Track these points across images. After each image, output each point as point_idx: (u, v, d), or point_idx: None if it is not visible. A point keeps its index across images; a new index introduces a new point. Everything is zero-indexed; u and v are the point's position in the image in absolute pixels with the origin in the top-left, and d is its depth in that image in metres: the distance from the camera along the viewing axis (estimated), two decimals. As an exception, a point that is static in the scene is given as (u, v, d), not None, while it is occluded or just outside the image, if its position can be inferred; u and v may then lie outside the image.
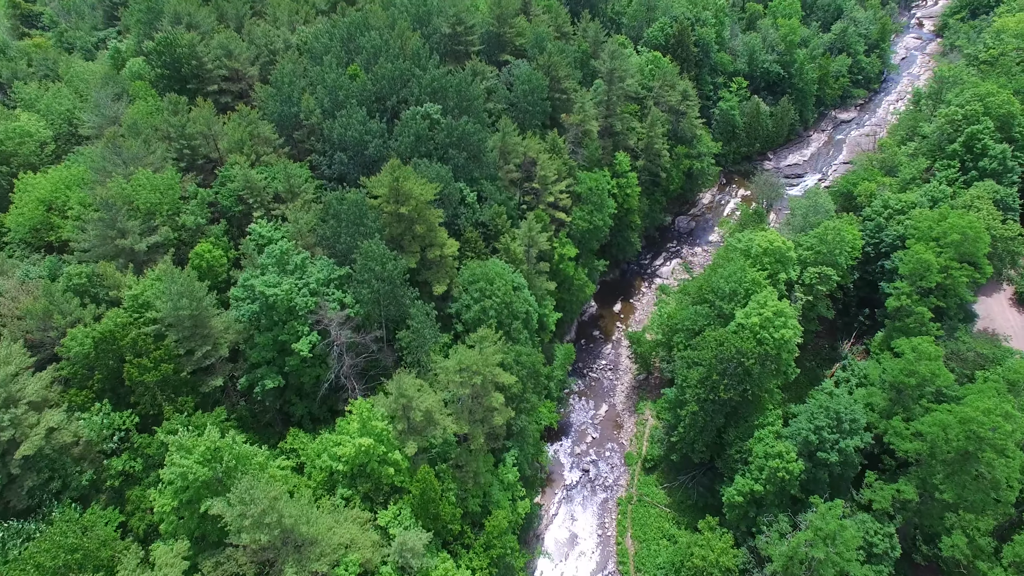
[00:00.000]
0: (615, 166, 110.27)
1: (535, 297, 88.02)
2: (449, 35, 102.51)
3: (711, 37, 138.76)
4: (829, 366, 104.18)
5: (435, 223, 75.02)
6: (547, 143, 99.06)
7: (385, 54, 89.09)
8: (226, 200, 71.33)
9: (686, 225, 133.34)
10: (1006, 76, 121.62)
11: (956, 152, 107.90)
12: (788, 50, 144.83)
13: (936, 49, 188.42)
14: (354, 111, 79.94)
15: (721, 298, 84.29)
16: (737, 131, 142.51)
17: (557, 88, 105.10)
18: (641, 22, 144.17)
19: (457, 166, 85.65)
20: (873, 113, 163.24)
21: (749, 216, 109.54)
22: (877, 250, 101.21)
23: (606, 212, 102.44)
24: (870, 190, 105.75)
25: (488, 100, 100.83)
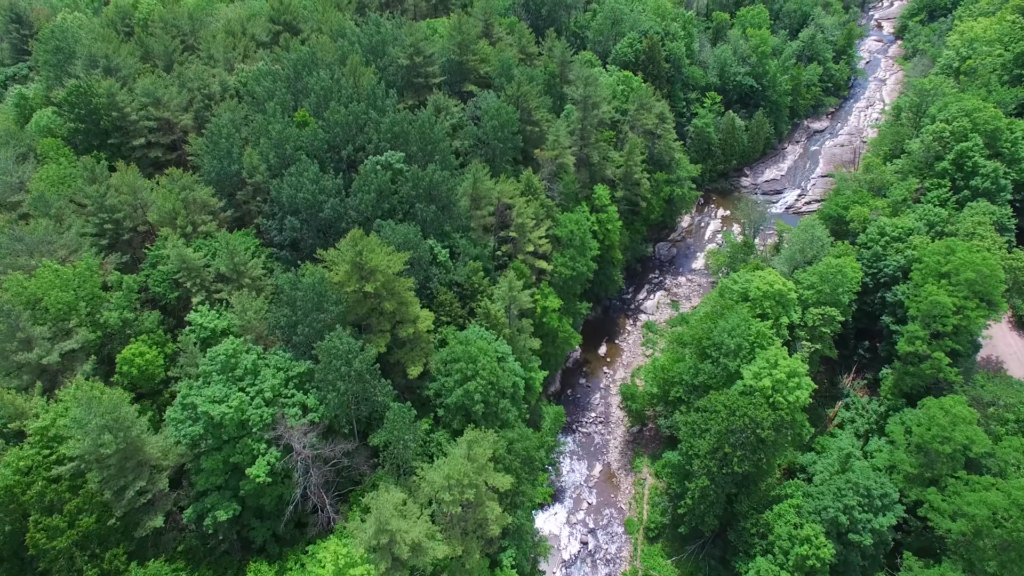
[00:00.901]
0: (594, 200, 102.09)
1: (519, 359, 79.20)
2: (407, 67, 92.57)
3: (681, 51, 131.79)
4: (830, 403, 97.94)
5: (406, 296, 65.34)
6: (521, 183, 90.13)
7: (337, 96, 78.68)
8: (158, 286, 60.31)
9: (667, 252, 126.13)
10: (985, 88, 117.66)
11: (946, 171, 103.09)
12: (760, 62, 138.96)
13: (898, 52, 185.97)
14: (305, 167, 69.54)
15: (726, 355, 76.77)
16: (713, 148, 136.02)
17: (528, 120, 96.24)
18: (607, 37, 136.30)
19: (426, 221, 76.08)
20: (845, 121, 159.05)
21: (738, 248, 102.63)
22: (876, 280, 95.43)
23: (589, 255, 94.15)
24: (863, 215, 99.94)
25: (454, 137, 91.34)
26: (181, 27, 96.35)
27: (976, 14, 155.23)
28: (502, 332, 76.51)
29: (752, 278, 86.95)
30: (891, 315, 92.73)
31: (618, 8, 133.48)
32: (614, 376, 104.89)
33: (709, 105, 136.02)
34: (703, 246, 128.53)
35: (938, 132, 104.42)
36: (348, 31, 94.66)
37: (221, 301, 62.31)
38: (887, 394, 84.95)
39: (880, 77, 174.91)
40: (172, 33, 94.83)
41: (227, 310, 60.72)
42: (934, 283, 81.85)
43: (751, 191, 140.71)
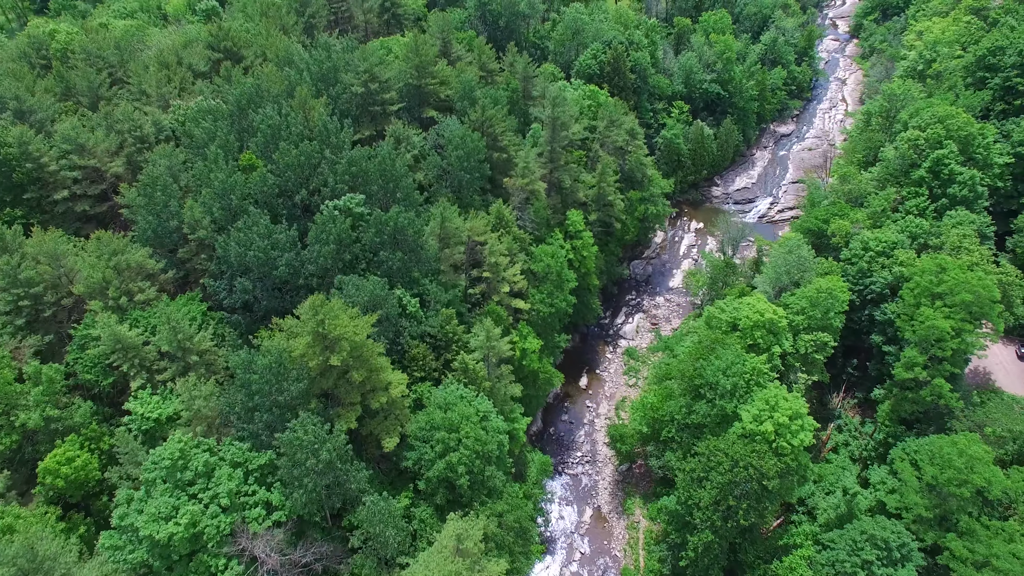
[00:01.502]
0: (568, 226, 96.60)
1: (500, 411, 73.24)
2: (362, 94, 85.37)
3: (646, 61, 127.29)
4: (821, 425, 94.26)
5: (377, 362, 58.60)
6: (491, 215, 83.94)
7: (286, 134, 71.14)
8: (88, 373, 52.31)
9: (642, 270, 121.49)
10: (952, 92, 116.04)
11: (923, 179, 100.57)
12: (726, 68, 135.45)
13: (855, 51, 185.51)
14: (254, 220, 62.03)
15: (721, 396, 71.99)
16: (683, 159, 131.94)
17: (495, 147, 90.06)
18: (569, 48, 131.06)
19: (392, 270, 69.33)
20: (810, 124, 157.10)
21: (719, 269, 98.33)
22: (863, 298, 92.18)
23: (567, 289, 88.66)
24: (845, 229, 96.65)
25: (416, 169, 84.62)
26: (107, 58, 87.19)
27: (930, 13, 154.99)
28: (481, 386, 70.35)
29: (741, 306, 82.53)
30: (881, 334, 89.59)
31: (579, 18, 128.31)
32: (597, 410, 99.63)
33: (677, 115, 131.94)
34: (679, 262, 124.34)
35: (913, 139, 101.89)
36: (296, 57, 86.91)
37: (166, 383, 54.54)
38: (884, 420, 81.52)
39: (840, 77, 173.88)
40: (97, 65, 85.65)
41: (173, 394, 53.05)
42: (928, 304, 78.57)
43: (723, 201, 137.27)
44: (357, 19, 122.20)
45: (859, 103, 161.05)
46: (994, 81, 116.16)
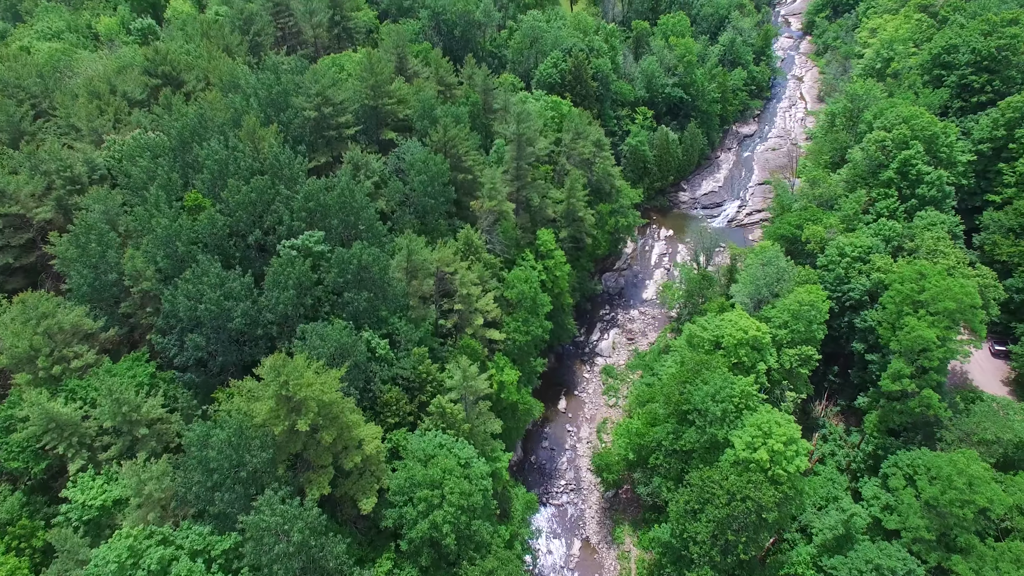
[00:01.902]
0: (538, 246, 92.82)
1: (481, 451, 69.07)
2: (315, 119, 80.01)
3: (608, 68, 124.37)
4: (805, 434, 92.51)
5: (348, 419, 53.79)
6: (460, 242, 79.55)
7: (235, 169, 65.54)
8: (15, 461, 46.31)
9: (614, 283, 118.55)
10: (912, 91, 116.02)
11: (892, 180, 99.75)
12: (687, 71, 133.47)
13: (809, 48, 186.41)
14: (204, 268, 56.49)
15: (711, 423, 69.08)
16: (649, 166, 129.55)
17: (459, 167, 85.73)
18: (528, 57, 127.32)
19: (358, 311, 64.46)
20: (771, 123, 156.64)
21: (695, 282, 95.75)
22: (842, 304, 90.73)
23: (542, 314, 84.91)
24: (819, 235, 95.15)
25: (377, 196, 79.70)
26: (29, 88, 79.93)
27: (881, 11, 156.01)
28: (460, 429, 65.99)
29: (723, 323, 79.89)
30: (862, 341, 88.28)
31: (536, 26, 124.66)
32: (579, 434, 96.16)
33: (641, 121, 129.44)
34: (650, 272, 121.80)
35: (879, 140, 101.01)
36: (242, 81, 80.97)
37: (111, 461, 48.84)
38: (872, 431, 79.86)
39: (797, 74, 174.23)
40: (17, 96, 78.40)
41: (119, 475, 47.42)
42: (910, 311, 77.05)
43: (691, 206, 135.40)
44: (306, 34, 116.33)
45: (818, 100, 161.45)
46: (950, 79, 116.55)
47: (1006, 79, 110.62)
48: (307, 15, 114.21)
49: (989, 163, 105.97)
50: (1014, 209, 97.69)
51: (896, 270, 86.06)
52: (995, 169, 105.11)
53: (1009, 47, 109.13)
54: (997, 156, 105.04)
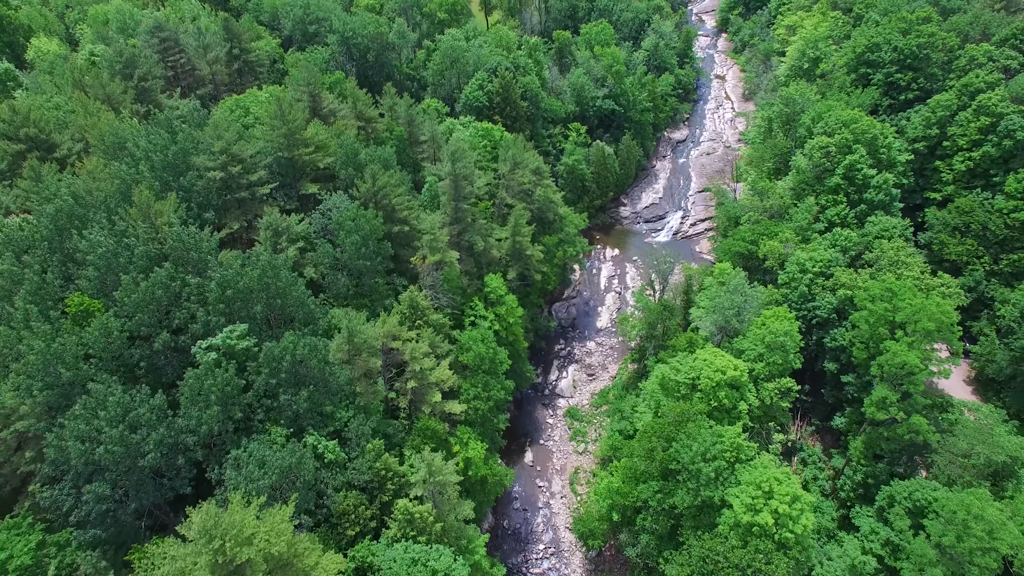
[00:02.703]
0: (487, 293, 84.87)
1: (455, 548, 60.79)
2: (223, 180, 69.08)
3: (536, 85, 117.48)
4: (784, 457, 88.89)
5: (303, 563, 44.33)
6: (404, 306, 70.60)
7: (128, 258, 54.36)
8: None
9: (566, 313, 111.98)
10: (843, 92, 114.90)
11: (839, 186, 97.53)
12: (617, 82, 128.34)
13: (726, 45, 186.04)
14: (100, 398, 45.56)
15: (705, 484, 63.19)
16: (587, 184, 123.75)
17: (394, 219, 76.70)
18: (449, 78, 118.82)
19: (298, 413, 54.75)
20: (701, 126, 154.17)
21: (656, 313, 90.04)
22: (809, 323, 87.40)
23: (502, 372, 77.19)
24: (776, 250, 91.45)
25: (304, 263, 69.70)
26: None
27: (795, 8, 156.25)
28: (431, 531, 57.38)
29: (698, 364, 74.33)
30: (834, 360, 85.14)
31: (456, 45, 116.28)
32: (551, 488, 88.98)
33: (575, 138, 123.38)
34: (601, 297, 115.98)
35: (823, 146, 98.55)
36: (130, 143, 68.89)
37: None
38: (859, 458, 76.28)
39: (718, 73, 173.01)
40: None
41: None
42: (886, 332, 73.99)
43: (633, 221, 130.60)
44: (202, 72, 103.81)
45: (743, 100, 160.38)
46: (877, 77, 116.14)
47: (929, 76, 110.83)
48: (201, 51, 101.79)
49: (925, 161, 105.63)
50: (956, 207, 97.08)
51: (861, 284, 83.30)
52: (931, 167, 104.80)
53: (929, 45, 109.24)
54: (932, 154, 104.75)
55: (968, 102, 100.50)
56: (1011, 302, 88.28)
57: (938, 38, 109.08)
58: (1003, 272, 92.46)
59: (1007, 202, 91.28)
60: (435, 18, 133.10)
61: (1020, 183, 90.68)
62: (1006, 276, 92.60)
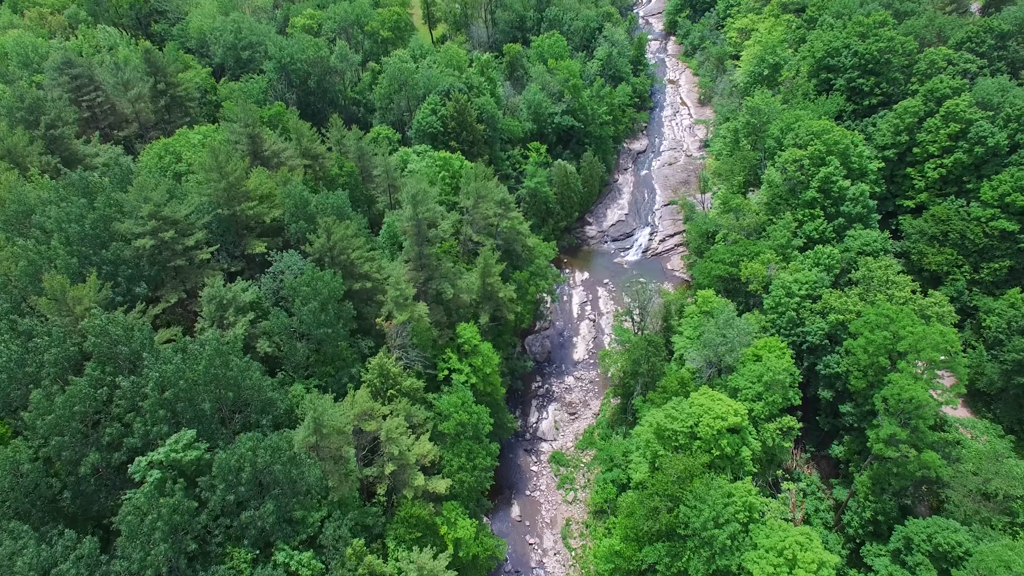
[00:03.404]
0: (462, 345, 77.95)
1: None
2: (154, 248, 60.11)
3: (492, 106, 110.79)
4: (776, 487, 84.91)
5: None
6: (373, 375, 63.07)
7: (37, 366, 45.28)
8: None
9: (540, 347, 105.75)
10: (808, 100, 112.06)
11: (816, 200, 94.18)
12: (574, 96, 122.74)
13: (676, 48, 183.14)
14: (5, 557, 36.84)
15: (721, 552, 57.94)
16: (551, 206, 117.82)
17: (353, 274, 68.96)
18: (399, 103, 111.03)
19: (265, 529, 46.84)
20: (660, 135, 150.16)
21: (641, 348, 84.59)
22: (799, 349, 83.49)
23: (485, 435, 70.44)
24: (759, 273, 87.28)
25: (256, 337, 61.40)
26: None
27: (745, 10, 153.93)
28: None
29: (695, 410, 69.14)
30: (828, 387, 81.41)
31: (403, 68, 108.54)
32: (543, 546, 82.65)
33: (535, 158, 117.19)
34: (575, 326, 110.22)
35: (797, 159, 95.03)
36: (37, 213, 59.18)
37: None
38: (866, 494, 72.43)
39: (671, 78, 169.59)
40: None
41: None
42: (886, 361, 70.41)
43: (600, 240, 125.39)
44: (124, 110, 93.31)
45: (699, 105, 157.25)
46: (839, 82, 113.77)
47: (891, 80, 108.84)
48: (121, 88, 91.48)
49: (895, 168, 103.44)
50: (932, 215, 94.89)
51: (853, 308, 79.75)
52: (902, 174, 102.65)
53: (889, 50, 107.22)
54: (903, 161, 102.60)
55: (935, 108, 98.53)
56: (996, 312, 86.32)
57: (897, 42, 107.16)
58: (984, 281, 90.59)
59: (984, 210, 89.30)
60: (378, 37, 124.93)
61: (995, 191, 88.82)
62: (987, 285, 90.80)
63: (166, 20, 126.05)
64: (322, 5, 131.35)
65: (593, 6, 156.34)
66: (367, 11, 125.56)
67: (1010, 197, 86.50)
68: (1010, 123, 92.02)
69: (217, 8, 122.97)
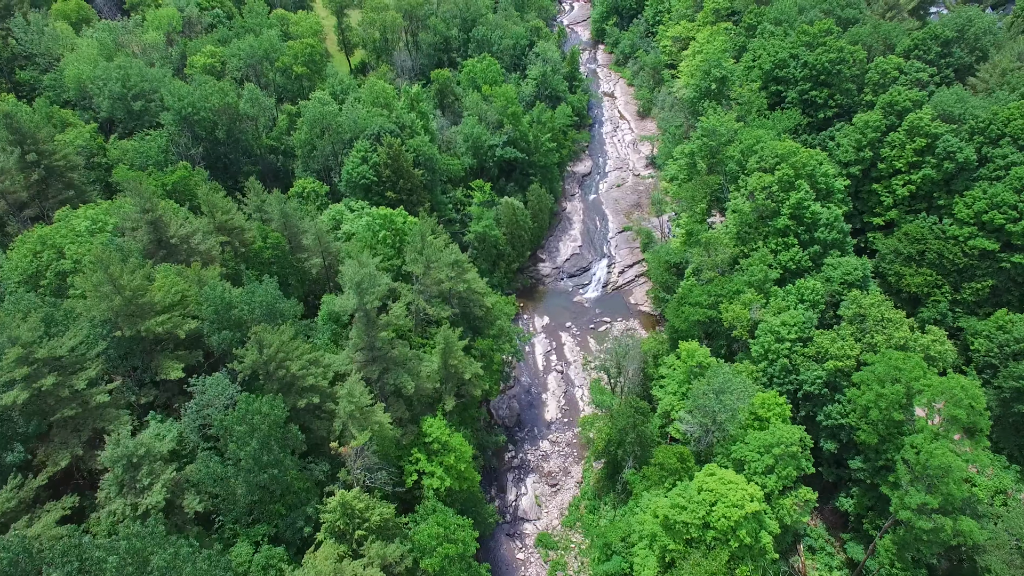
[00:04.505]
0: (431, 443, 67.22)
1: None
2: (32, 398, 46.52)
3: (429, 147, 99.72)
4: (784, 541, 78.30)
5: None
6: (336, 516, 51.61)
7: None
8: None
9: (507, 410, 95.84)
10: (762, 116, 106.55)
11: (789, 228, 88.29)
12: (514, 124, 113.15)
13: (607, 58, 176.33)
14: None
15: None
16: (501, 248, 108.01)
17: (297, 390, 56.95)
18: (323, 150, 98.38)
19: None
20: (604, 154, 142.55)
21: (628, 418, 75.82)
22: (794, 397, 77.16)
23: (470, 554, 60.03)
24: (742, 317, 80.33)
25: (182, 494, 48.84)
26: None
27: (677, 17, 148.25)
28: None
29: (707, 497, 61.05)
30: (831, 438, 75.34)
31: (324, 112, 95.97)
32: (540, 653, 73.02)
33: (480, 198, 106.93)
34: (542, 381, 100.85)
35: (765, 185, 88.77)
36: None
37: None
38: (891, 560, 66.22)
39: (606, 90, 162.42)
40: None
41: None
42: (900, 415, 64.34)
43: (556, 278, 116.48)
44: (-16, 193, 77.17)
45: (639, 117, 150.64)
46: (790, 95, 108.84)
47: (845, 91, 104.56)
48: (-22, 166, 75.41)
49: (860, 184, 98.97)
50: (905, 235, 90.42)
51: (850, 353, 73.68)
52: (868, 190, 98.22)
53: (840, 60, 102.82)
54: (867, 176, 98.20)
55: (896, 122, 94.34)
56: (984, 334, 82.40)
57: (847, 52, 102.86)
58: (966, 301, 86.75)
59: (961, 229, 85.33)
60: (291, 73, 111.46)
61: (970, 208, 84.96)
62: (969, 305, 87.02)
63: (34, 66, 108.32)
64: (224, 40, 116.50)
65: (520, 21, 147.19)
66: (276, 45, 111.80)
67: (987, 215, 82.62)
68: (975, 135, 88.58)
69: (98, 50, 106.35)
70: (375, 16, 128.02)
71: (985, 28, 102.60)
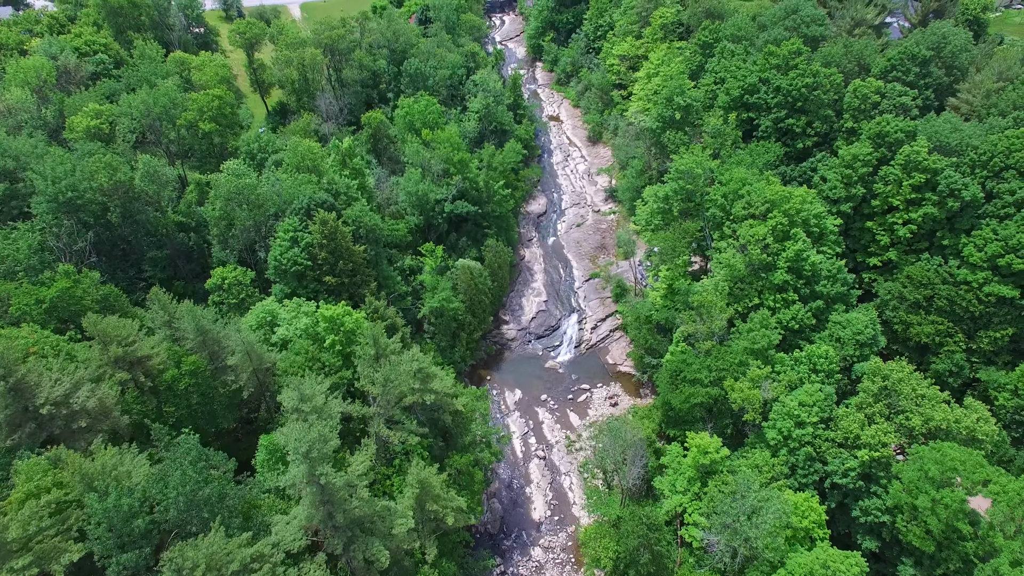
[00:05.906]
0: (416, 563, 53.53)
1: None
2: None
3: (369, 215, 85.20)
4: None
5: None
6: None
7: None
8: None
9: (490, 515, 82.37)
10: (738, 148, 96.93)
11: (788, 283, 78.81)
12: (462, 173, 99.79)
13: (547, 77, 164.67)
14: None
15: None
16: (461, 318, 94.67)
17: None
18: (243, 228, 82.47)
19: None
20: (557, 188, 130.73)
21: (638, 534, 64.12)
22: (821, 489, 67.62)
23: None
24: (753, 399, 70.01)
25: None
26: None
27: (621, 33, 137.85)
28: None
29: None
30: (871, 535, 66.03)
31: (242, 184, 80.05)
32: None
33: (432, 264, 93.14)
34: (523, 472, 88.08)
35: (759, 237, 78.92)
36: None
37: None
38: None
39: (551, 114, 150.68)
40: None
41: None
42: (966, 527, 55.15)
43: (523, 341, 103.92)
44: None
45: (589, 143, 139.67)
46: (764, 123, 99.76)
47: (824, 118, 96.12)
48: None
49: (851, 221, 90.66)
50: (908, 278, 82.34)
51: (885, 439, 64.15)
52: (860, 227, 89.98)
53: (817, 85, 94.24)
54: (859, 212, 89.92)
55: (887, 154, 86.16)
56: (1008, 387, 75.09)
57: (823, 76, 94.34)
58: (984, 351, 79.35)
59: (975, 274, 77.65)
60: (198, 131, 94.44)
61: (982, 251, 77.32)
62: (987, 354, 79.68)
63: None
64: (112, 95, 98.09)
65: (454, 46, 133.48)
66: (177, 98, 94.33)
67: (1003, 260, 75.08)
68: (977, 169, 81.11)
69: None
70: (291, 54, 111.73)
71: (961, 46, 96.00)
